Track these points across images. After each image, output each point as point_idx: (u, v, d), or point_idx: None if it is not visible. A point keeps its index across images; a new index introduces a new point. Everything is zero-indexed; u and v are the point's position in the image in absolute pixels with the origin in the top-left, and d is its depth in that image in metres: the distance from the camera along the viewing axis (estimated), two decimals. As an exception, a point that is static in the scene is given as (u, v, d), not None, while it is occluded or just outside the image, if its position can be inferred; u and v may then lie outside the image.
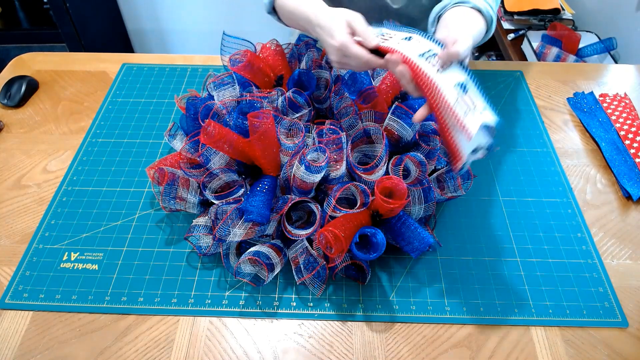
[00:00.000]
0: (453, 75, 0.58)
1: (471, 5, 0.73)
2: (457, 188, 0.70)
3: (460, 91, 0.56)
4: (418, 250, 0.64)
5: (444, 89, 0.57)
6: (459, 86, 0.57)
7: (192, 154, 0.71)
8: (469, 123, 0.54)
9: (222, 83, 0.77)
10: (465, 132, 0.54)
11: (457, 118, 0.55)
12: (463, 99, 0.56)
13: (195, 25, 2.12)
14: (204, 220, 0.67)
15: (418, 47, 0.61)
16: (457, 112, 0.55)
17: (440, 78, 0.58)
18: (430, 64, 0.59)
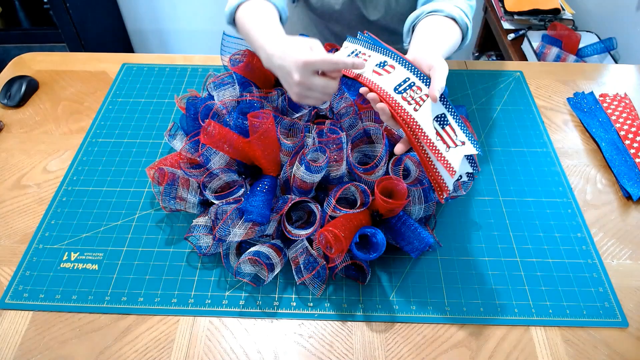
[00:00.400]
0: (432, 109, 0.56)
1: (445, 14, 0.71)
2: (457, 188, 0.70)
3: (439, 126, 0.56)
4: (418, 250, 0.64)
5: (424, 125, 0.56)
6: (437, 120, 0.56)
7: (192, 154, 0.71)
8: (451, 158, 0.54)
9: (222, 83, 0.77)
10: (448, 168, 0.54)
11: (439, 154, 0.55)
12: (443, 134, 0.55)
13: (195, 25, 2.12)
14: (204, 220, 0.67)
15: (394, 78, 0.59)
16: (438, 148, 0.55)
17: (419, 115, 0.56)
18: (408, 97, 0.57)
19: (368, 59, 0.62)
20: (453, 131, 0.55)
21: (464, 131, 0.56)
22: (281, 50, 0.60)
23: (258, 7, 0.71)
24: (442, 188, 0.57)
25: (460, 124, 0.56)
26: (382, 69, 0.60)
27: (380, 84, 0.59)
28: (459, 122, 0.56)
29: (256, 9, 0.71)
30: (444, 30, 0.69)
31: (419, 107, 0.56)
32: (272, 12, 0.71)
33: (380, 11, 0.90)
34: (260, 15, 0.69)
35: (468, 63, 1.01)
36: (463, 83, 0.96)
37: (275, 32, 0.65)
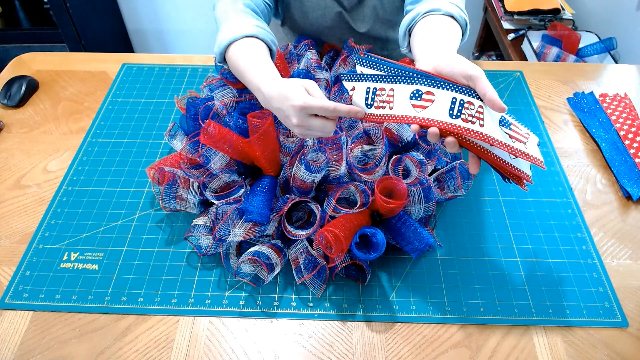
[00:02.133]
0: (492, 117, 0.54)
1: (443, 12, 0.69)
2: (457, 188, 0.70)
3: (506, 129, 0.54)
4: (418, 250, 0.64)
5: (497, 136, 0.53)
6: (502, 125, 0.54)
7: (192, 154, 0.71)
8: (531, 152, 0.55)
9: (219, 85, 0.77)
10: (536, 162, 0.55)
11: (523, 154, 0.54)
12: (514, 134, 0.54)
13: (195, 25, 2.12)
14: (204, 220, 0.67)
15: (441, 105, 0.54)
16: (519, 149, 0.54)
17: (487, 129, 0.53)
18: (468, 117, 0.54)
19: (394, 94, 0.56)
20: (518, 127, 0.55)
21: (519, 122, 0.56)
22: (277, 92, 0.59)
23: (249, 45, 0.68)
24: (524, 178, 0.57)
25: (512, 116, 0.56)
26: (421, 99, 0.55)
27: (433, 116, 0.54)
28: (511, 116, 0.55)
29: (247, 47, 0.68)
30: (447, 29, 0.66)
31: (482, 121, 0.53)
32: (263, 50, 0.68)
33: (368, 22, 0.90)
34: (252, 54, 0.67)
35: (468, 63, 1.01)
36: (463, 83, 0.96)
37: (270, 73, 0.63)
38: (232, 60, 0.69)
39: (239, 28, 0.69)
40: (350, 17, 0.89)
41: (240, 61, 0.67)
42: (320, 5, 0.87)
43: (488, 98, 0.51)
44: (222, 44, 0.70)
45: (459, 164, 0.70)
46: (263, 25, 0.73)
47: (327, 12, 0.88)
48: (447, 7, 0.69)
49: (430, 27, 0.67)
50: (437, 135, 0.54)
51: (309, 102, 0.56)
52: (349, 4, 0.87)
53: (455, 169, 0.69)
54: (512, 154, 0.54)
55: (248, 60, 0.66)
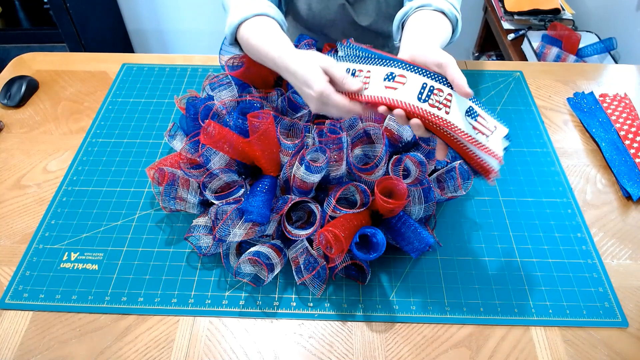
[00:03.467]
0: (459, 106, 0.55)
1: (433, 7, 0.70)
2: (457, 188, 0.70)
3: (472, 119, 0.55)
4: (418, 250, 0.64)
5: (459, 124, 0.55)
6: (468, 114, 0.55)
7: (192, 154, 0.71)
8: (492, 146, 0.55)
9: (220, 84, 0.77)
10: (494, 155, 0.55)
11: (482, 146, 0.55)
12: (478, 126, 0.55)
13: (195, 25, 2.12)
14: (204, 221, 0.67)
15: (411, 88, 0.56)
16: (479, 141, 0.55)
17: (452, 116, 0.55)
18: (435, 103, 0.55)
19: (370, 75, 0.58)
20: (484, 119, 0.55)
21: (489, 114, 0.56)
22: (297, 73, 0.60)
23: (260, 23, 0.69)
24: (488, 171, 0.58)
25: (485, 108, 0.56)
26: (394, 81, 0.57)
27: (402, 98, 0.56)
28: (483, 108, 0.56)
29: (259, 25, 0.69)
30: (435, 24, 0.68)
31: (449, 109, 0.55)
32: (275, 26, 0.69)
33: (371, 16, 0.90)
34: (265, 30, 0.68)
35: (468, 63, 1.01)
36: (463, 83, 0.96)
37: (286, 46, 0.63)
38: (244, 39, 0.70)
39: (249, 8, 0.70)
40: (353, 10, 0.90)
41: (253, 39, 0.68)
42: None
43: (456, 84, 0.53)
44: (232, 24, 0.70)
45: (459, 164, 0.70)
46: (272, 5, 0.73)
47: (330, 4, 0.88)
48: (439, 3, 0.71)
49: (417, 21, 0.68)
50: (403, 117, 0.56)
51: (326, 93, 0.58)
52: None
53: (455, 169, 0.69)
54: (471, 144, 0.55)
55: (261, 36, 0.67)
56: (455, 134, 0.55)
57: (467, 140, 0.55)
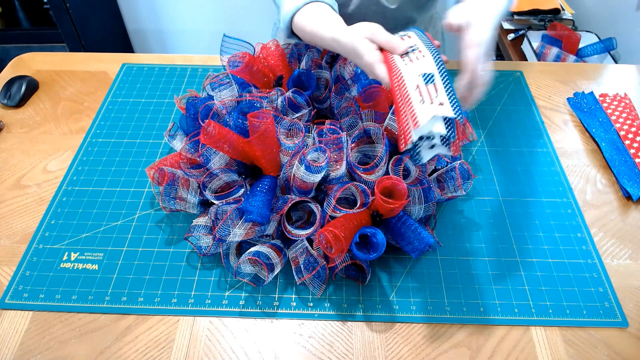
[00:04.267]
0: (422, 66, 0.57)
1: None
2: (457, 188, 0.70)
3: (422, 82, 0.55)
4: (418, 250, 0.64)
5: (407, 77, 0.56)
6: (424, 77, 0.55)
7: (192, 154, 0.71)
8: (420, 111, 0.53)
9: (220, 83, 0.77)
10: (414, 119, 0.53)
11: (410, 105, 0.54)
12: (423, 89, 0.54)
13: (195, 25, 2.12)
14: (204, 221, 0.67)
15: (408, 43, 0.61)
16: (411, 99, 0.54)
17: (406, 68, 0.56)
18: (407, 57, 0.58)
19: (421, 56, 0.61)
20: (435, 91, 0.54)
21: (450, 97, 0.54)
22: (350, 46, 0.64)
23: (313, 9, 0.71)
24: (404, 137, 0.55)
25: (449, 89, 0.55)
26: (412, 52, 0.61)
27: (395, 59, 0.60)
28: (447, 86, 0.55)
29: (312, 11, 0.71)
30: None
31: (410, 63, 0.57)
32: (328, 10, 0.71)
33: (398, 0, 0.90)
34: (318, 15, 0.70)
35: (468, 63, 1.01)
36: (463, 83, 0.96)
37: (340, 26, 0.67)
38: (300, 27, 0.72)
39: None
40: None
41: (308, 26, 0.70)
42: None
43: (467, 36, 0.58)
44: (286, 16, 0.72)
45: (459, 164, 0.70)
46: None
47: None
48: None
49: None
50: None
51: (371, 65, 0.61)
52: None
53: (455, 169, 0.69)
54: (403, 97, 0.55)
55: (315, 22, 0.70)
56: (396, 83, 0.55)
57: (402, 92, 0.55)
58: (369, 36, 0.63)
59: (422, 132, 0.53)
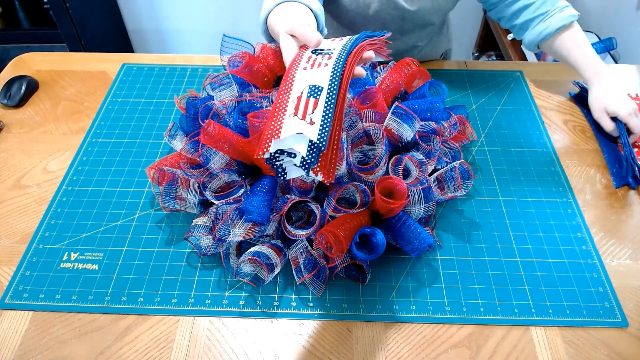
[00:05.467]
0: (317, 76, 0.52)
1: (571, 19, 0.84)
2: (457, 188, 0.70)
3: (306, 92, 0.50)
4: (418, 250, 0.64)
5: (296, 83, 0.51)
6: (311, 88, 0.51)
7: (192, 154, 0.71)
8: (286, 124, 0.48)
9: (220, 83, 0.77)
10: (275, 130, 0.48)
11: (281, 114, 0.49)
12: (302, 101, 0.50)
13: (195, 25, 2.12)
14: (204, 221, 0.67)
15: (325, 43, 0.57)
16: (286, 108, 0.49)
17: (302, 73, 0.52)
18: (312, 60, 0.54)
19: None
20: (314, 107, 0.49)
21: (325, 119, 0.48)
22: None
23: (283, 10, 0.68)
24: (264, 144, 0.48)
25: (329, 110, 0.49)
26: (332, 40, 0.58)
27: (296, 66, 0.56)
28: (329, 107, 0.49)
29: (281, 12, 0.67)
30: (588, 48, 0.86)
31: (310, 69, 0.53)
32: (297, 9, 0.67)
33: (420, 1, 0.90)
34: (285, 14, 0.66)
35: (468, 63, 1.01)
36: (463, 83, 0.96)
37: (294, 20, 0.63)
38: (271, 29, 0.69)
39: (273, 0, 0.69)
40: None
41: (274, 27, 0.67)
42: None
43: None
44: (262, 20, 0.71)
45: (459, 164, 0.70)
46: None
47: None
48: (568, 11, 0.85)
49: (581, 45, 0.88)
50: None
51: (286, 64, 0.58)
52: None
53: (455, 169, 0.69)
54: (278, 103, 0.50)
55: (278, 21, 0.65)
56: (284, 86, 0.51)
57: (282, 97, 0.50)
58: (288, 30, 0.60)
59: (283, 146, 0.48)
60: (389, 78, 0.80)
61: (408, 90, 0.81)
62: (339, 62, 0.53)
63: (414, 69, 0.80)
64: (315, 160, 0.48)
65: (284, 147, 0.48)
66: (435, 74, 0.98)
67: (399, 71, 0.80)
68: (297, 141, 0.48)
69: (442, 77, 0.98)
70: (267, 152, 0.48)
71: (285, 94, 0.51)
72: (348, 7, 0.91)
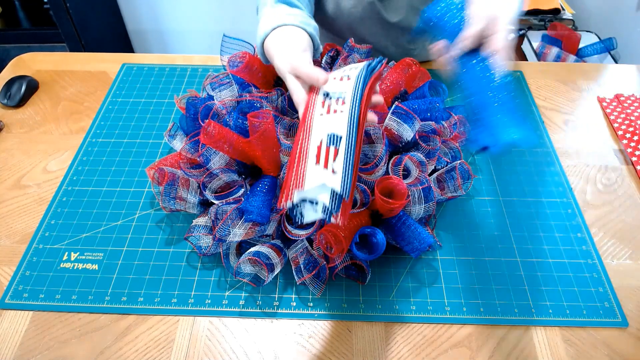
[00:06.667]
0: (334, 123, 0.52)
1: None
2: (457, 188, 0.70)
3: (326, 141, 0.50)
4: (418, 251, 0.64)
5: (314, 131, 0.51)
6: (330, 137, 0.51)
7: (192, 154, 0.71)
8: (310, 173, 0.49)
9: (220, 83, 0.77)
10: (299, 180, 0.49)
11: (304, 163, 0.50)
12: (323, 150, 0.50)
13: (195, 25, 2.12)
14: (204, 221, 0.67)
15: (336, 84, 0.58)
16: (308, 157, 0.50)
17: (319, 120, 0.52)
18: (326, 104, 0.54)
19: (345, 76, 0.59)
20: (335, 156, 0.50)
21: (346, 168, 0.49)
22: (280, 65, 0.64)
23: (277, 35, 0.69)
24: (287, 193, 0.50)
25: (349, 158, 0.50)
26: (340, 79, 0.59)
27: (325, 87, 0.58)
28: (348, 155, 0.50)
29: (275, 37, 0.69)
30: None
31: (327, 115, 0.53)
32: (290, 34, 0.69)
33: (401, 12, 0.90)
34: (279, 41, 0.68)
35: (468, 63, 1.01)
36: (463, 83, 0.96)
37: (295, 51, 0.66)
38: (267, 54, 0.70)
39: (269, 22, 0.70)
40: (383, 7, 0.89)
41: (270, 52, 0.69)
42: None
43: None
44: (259, 43, 0.72)
45: (459, 164, 0.70)
46: (294, 12, 0.73)
47: (358, 3, 0.88)
48: None
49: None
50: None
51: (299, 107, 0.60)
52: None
53: (456, 169, 0.69)
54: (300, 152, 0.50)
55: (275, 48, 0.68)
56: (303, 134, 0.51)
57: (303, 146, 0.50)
58: (291, 71, 0.61)
59: (306, 195, 0.49)
60: (389, 78, 0.80)
61: (408, 90, 0.81)
62: (353, 109, 0.53)
63: (414, 69, 0.80)
64: (337, 208, 0.49)
65: (306, 196, 0.49)
66: (436, 74, 0.98)
67: (399, 71, 0.80)
68: (320, 191, 0.49)
69: (442, 77, 0.98)
70: (290, 201, 0.49)
71: (305, 142, 0.51)
72: (333, 16, 0.92)
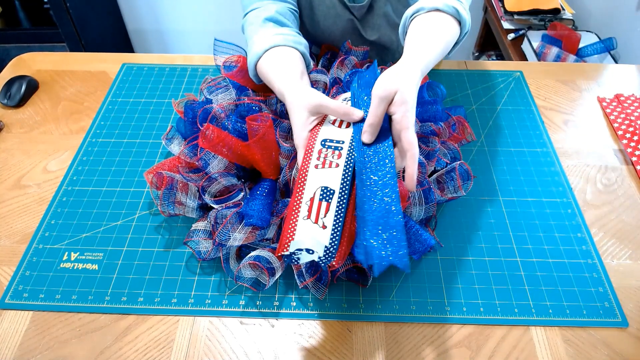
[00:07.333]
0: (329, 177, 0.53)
1: (426, 9, 0.69)
2: (457, 189, 0.70)
3: (319, 195, 0.52)
4: (419, 252, 0.64)
5: (308, 184, 0.53)
6: (323, 190, 0.52)
7: (191, 158, 0.70)
8: (300, 228, 0.51)
9: (218, 87, 0.77)
10: (290, 233, 0.51)
11: (295, 217, 0.52)
12: (315, 204, 0.52)
13: (195, 25, 2.13)
14: (203, 225, 0.67)
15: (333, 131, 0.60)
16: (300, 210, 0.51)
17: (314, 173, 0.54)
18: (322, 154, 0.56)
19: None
20: (326, 211, 0.52)
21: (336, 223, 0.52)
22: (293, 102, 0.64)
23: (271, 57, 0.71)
24: (284, 243, 0.52)
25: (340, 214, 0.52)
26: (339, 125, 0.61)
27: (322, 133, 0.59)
28: (340, 212, 0.52)
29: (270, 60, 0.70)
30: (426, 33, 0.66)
31: (322, 168, 0.54)
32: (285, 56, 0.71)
33: (378, 30, 0.90)
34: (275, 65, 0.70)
35: (468, 63, 1.01)
36: (463, 83, 0.96)
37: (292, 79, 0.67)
38: (261, 74, 0.73)
39: (260, 44, 0.72)
40: (361, 25, 0.89)
41: (265, 74, 0.71)
42: (330, 14, 0.87)
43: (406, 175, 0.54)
44: (251, 64, 0.74)
45: (459, 165, 0.70)
46: (283, 31, 0.74)
47: (337, 21, 0.88)
48: (432, 2, 0.69)
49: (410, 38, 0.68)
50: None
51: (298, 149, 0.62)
52: (359, 13, 0.87)
53: (455, 170, 0.69)
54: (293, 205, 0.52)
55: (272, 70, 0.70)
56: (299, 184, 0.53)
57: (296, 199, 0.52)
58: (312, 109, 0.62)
59: (300, 245, 0.51)
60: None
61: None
62: (349, 164, 0.56)
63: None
64: (330, 258, 0.51)
65: (301, 246, 0.51)
66: (435, 74, 0.98)
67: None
68: (313, 243, 0.51)
69: (442, 77, 0.98)
70: (286, 251, 0.51)
71: (299, 194, 0.53)
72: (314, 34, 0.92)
